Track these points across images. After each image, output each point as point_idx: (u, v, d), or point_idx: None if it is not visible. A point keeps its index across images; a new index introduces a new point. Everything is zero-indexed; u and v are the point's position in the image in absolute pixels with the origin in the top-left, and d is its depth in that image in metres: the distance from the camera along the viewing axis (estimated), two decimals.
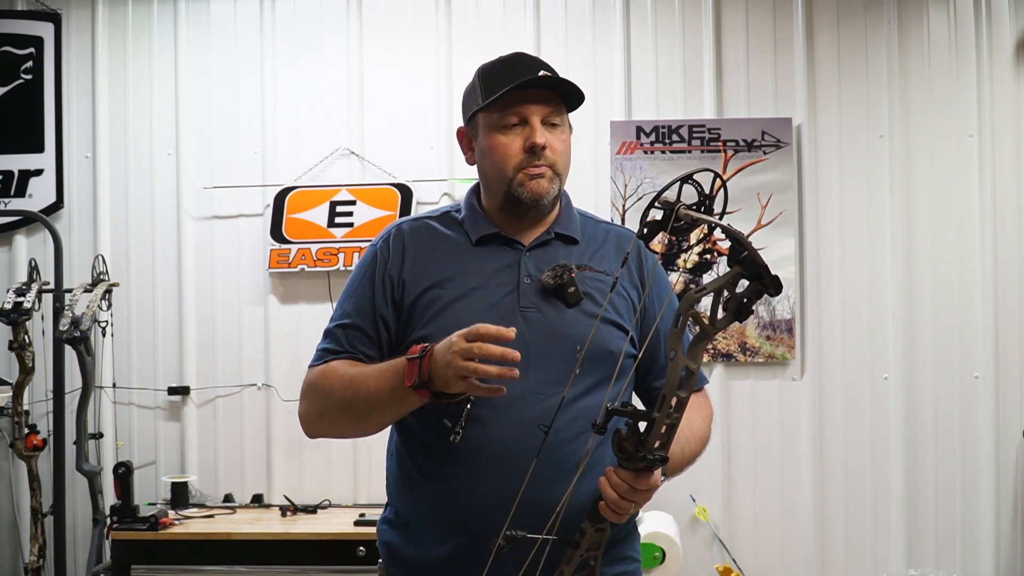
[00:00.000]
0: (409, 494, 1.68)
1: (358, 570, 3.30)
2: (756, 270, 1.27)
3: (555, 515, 1.40)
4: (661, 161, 3.77)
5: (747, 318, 1.30)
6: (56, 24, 4.01)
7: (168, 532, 3.39)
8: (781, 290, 1.27)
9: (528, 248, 1.71)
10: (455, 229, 1.75)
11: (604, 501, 1.43)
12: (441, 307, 1.66)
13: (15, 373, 3.63)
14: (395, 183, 3.86)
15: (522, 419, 1.57)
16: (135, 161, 4.00)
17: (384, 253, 1.73)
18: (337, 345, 1.71)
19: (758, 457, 3.76)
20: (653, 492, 1.44)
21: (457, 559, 1.60)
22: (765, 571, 3.75)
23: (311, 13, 3.96)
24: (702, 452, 1.72)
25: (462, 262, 1.70)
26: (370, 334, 1.69)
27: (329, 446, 3.86)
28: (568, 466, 1.55)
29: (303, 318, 3.91)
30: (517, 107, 1.67)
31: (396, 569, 1.70)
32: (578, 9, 3.88)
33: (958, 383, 3.71)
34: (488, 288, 1.67)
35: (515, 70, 1.69)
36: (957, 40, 3.77)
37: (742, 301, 1.28)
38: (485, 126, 1.72)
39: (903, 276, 3.74)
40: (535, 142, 1.65)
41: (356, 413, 1.63)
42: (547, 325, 1.64)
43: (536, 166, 1.67)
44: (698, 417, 1.72)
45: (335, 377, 1.65)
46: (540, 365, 1.61)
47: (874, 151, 3.77)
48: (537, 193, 1.67)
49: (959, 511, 3.70)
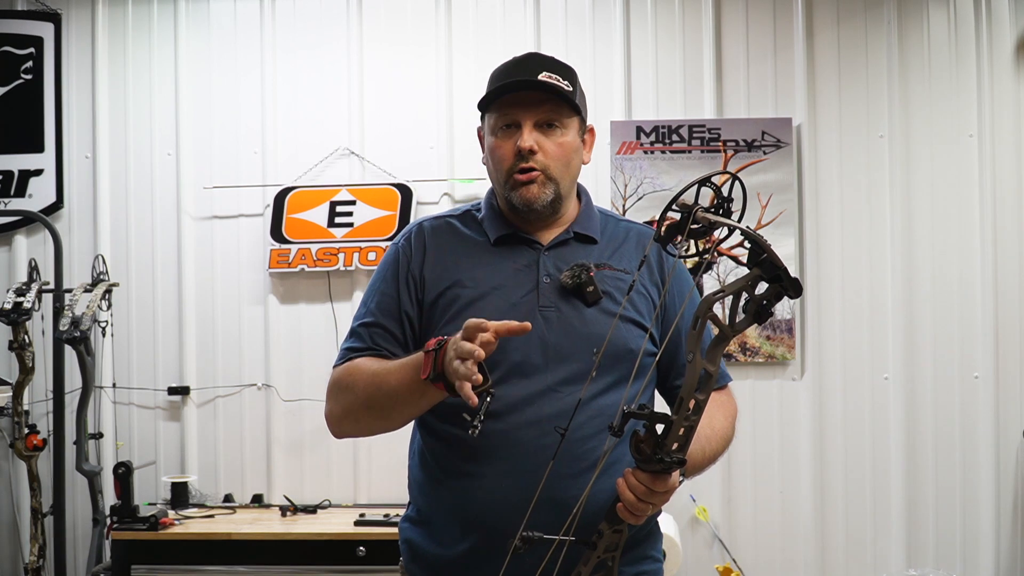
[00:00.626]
0: (430, 492, 1.70)
1: (358, 570, 3.31)
2: (775, 272, 1.27)
3: (573, 515, 1.40)
4: (661, 161, 3.77)
5: (766, 320, 1.29)
6: (56, 24, 4.01)
7: (168, 532, 3.39)
8: (801, 292, 1.26)
9: (547, 248, 1.72)
10: (475, 228, 1.76)
11: (621, 503, 1.43)
12: (461, 306, 1.67)
13: (15, 373, 3.63)
14: (395, 183, 3.86)
15: (541, 417, 1.59)
16: (135, 161, 4.00)
17: (407, 251, 1.75)
18: (361, 343, 1.71)
19: (758, 457, 3.76)
20: (671, 494, 1.45)
21: (476, 556, 1.62)
22: (765, 571, 3.75)
23: (311, 13, 3.96)
24: (724, 451, 1.70)
25: (482, 261, 1.71)
26: (395, 332, 1.70)
27: (329, 446, 3.86)
28: (585, 464, 1.57)
29: (303, 318, 3.91)
30: (509, 110, 1.68)
31: (416, 566, 1.72)
32: (578, 9, 3.88)
33: (958, 383, 3.71)
34: (508, 288, 1.68)
35: (515, 72, 1.69)
36: (957, 40, 3.77)
37: (761, 303, 1.28)
38: (487, 128, 1.73)
39: (903, 276, 3.74)
40: (520, 146, 1.65)
41: (379, 408, 1.63)
42: (566, 324, 1.65)
43: (524, 171, 1.67)
44: (720, 416, 1.71)
45: (358, 374, 1.66)
46: (559, 364, 1.62)
47: (874, 151, 3.77)
48: (526, 200, 1.68)
49: (959, 511, 3.70)
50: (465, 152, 3.86)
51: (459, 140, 3.88)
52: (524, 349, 1.62)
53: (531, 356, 1.62)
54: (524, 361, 1.62)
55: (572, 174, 1.73)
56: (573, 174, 1.74)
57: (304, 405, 3.87)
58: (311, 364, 3.88)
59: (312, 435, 3.89)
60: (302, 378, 3.89)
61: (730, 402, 1.78)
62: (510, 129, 1.68)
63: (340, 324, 3.85)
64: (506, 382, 1.61)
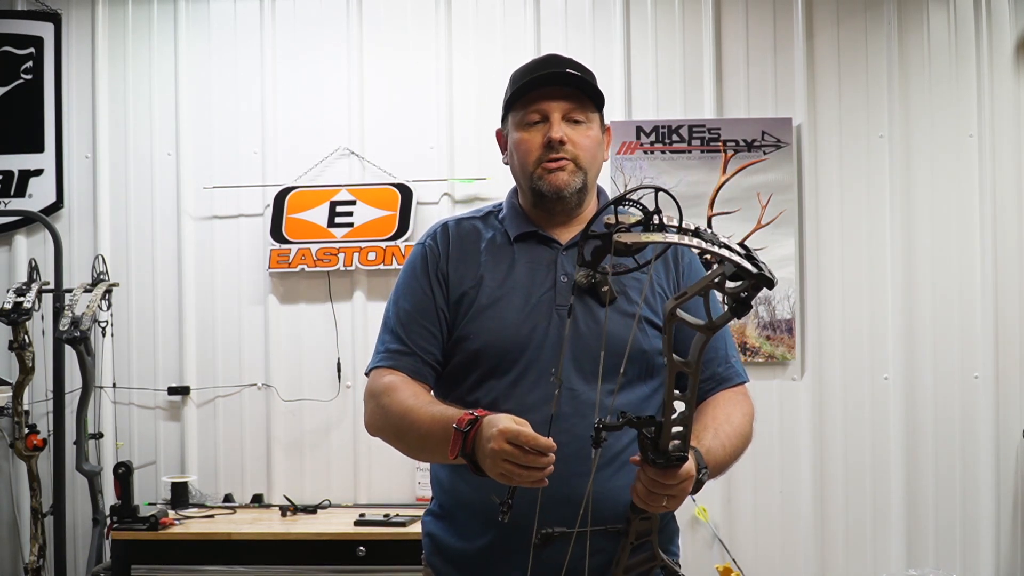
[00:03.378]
0: (452, 487, 1.73)
1: (358, 570, 3.31)
2: (736, 270, 1.25)
3: (583, 507, 1.43)
4: (661, 161, 3.78)
5: (746, 313, 1.28)
6: (56, 24, 4.01)
7: (168, 532, 3.39)
8: (772, 284, 1.24)
9: (565, 247, 1.74)
10: (495, 228, 1.79)
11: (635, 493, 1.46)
12: (482, 306, 1.70)
13: (15, 373, 3.63)
14: (395, 183, 3.86)
15: (556, 416, 1.59)
16: (135, 161, 4.00)
17: (434, 249, 1.78)
18: (401, 345, 1.73)
19: (758, 457, 3.75)
20: (687, 486, 1.45)
21: (497, 550, 1.65)
22: (765, 571, 3.75)
23: (311, 13, 3.96)
24: (745, 448, 1.71)
25: (501, 261, 1.74)
26: (432, 331, 1.73)
27: (329, 446, 3.87)
28: (600, 461, 1.58)
29: (303, 318, 3.91)
30: (538, 104, 1.72)
31: (439, 560, 1.75)
32: (578, 9, 3.88)
33: (958, 383, 3.71)
34: (526, 287, 1.71)
35: (541, 69, 1.74)
36: (957, 40, 3.77)
37: (739, 296, 1.27)
38: (512, 124, 1.77)
39: (903, 276, 3.74)
40: (551, 136, 1.70)
41: (408, 446, 1.69)
42: (582, 324, 1.66)
43: (554, 160, 1.70)
44: (738, 413, 1.72)
45: (395, 402, 1.67)
46: (575, 364, 1.64)
47: (874, 151, 3.77)
48: (556, 185, 1.71)
49: (959, 511, 3.70)
50: (465, 152, 3.86)
51: (459, 140, 3.88)
52: (541, 348, 1.66)
53: (547, 355, 1.65)
54: (541, 360, 1.65)
55: (597, 168, 1.78)
56: (598, 168, 1.79)
57: (304, 405, 3.87)
58: (311, 364, 3.88)
59: (312, 435, 3.89)
60: (302, 378, 3.89)
61: (746, 401, 1.79)
62: (537, 124, 1.72)
63: (340, 324, 3.85)
64: (523, 381, 1.65)
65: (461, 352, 1.71)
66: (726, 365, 1.77)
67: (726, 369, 1.77)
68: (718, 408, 1.71)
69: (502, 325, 1.67)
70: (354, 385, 3.83)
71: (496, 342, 1.67)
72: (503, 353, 1.67)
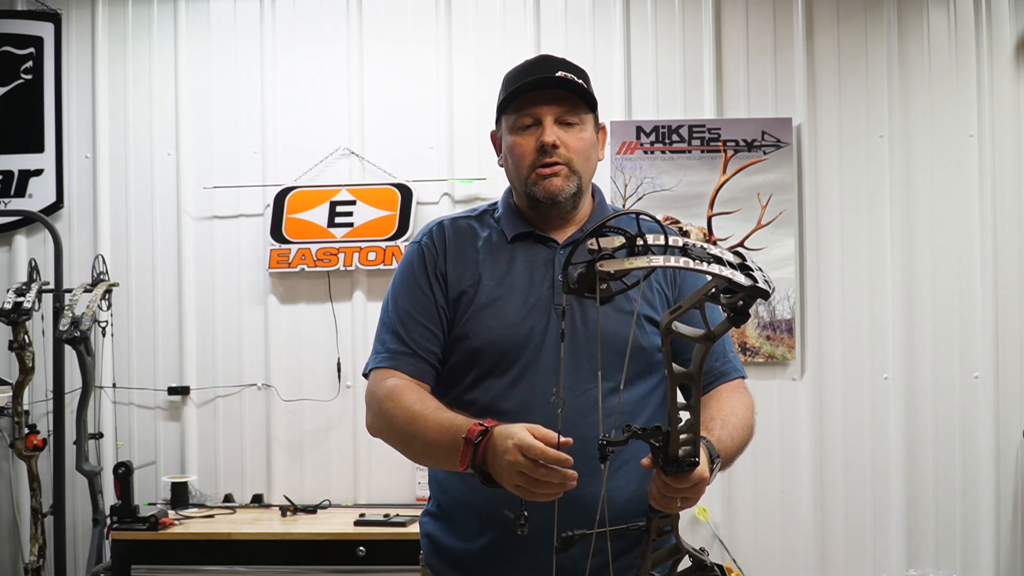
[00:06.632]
0: (450, 487, 1.72)
1: (358, 570, 3.31)
2: (728, 284, 1.24)
3: (599, 510, 1.43)
4: (661, 161, 3.77)
5: (744, 322, 1.27)
6: (56, 24, 4.01)
7: (168, 532, 3.39)
8: (767, 295, 1.23)
9: (562, 246, 1.74)
10: (491, 227, 1.79)
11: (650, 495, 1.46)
12: (481, 305, 1.70)
13: (15, 373, 3.63)
14: (395, 183, 3.86)
15: (554, 415, 1.59)
16: (135, 161, 4.00)
17: (431, 248, 1.77)
18: (403, 345, 1.72)
19: (758, 457, 3.75)
20: (701, 487, 1.45)
21: (495, 551, 1.65)
22: (765, 571, 3.75)
23: (311, 13, 3.96)
24: (750, 440, 1.71)
25: (499, 260, 1.74)
26: (433, 330, 1.72)
27: (329, 446, 3.87)
28: (596, 462, 1.57)
29: (303, 318, 3.91)
30: (530, 108, 1.71)
31: (437, 560, 1.75)
32: (578, 9, 3.88)
33: (958, 383, 3.71)
34: (524, 286, 1.71)
35: (533, 72, 1.72)
36: (957, 40, 3.77)
37: (736, 305, 1.26)
38: (506, 128, 1.76)
39: (903, 276, 3.74)
40: (544, 141, 1.69)
41: (413, 453, 1.68)
42: (579, 322, 1.66)
43: (548, 164, 1.70)
44: (741, 405, 1.72)
45: (399, 407, 1.65)
46: (574, 362, 1.64)
47: (874, 151, 3.77)
48: (550, 191, 1.71)
49: (959, 511, 3.70)
50: (465, 152, 3.86)
51: (459, 140, 3.88)
52: (540, 347, 1.65)
53: (546, 354, 1.65)
54: (540, 359, 1.65)
55: (591, 169, 1.77)
56: (592, 169, 1.77)
57: (304, 405, 3.87)
58: (311, 364, 3.88)
59: (312, 435, 3.89)
60: (302, 378, 3.89)
61: (747, 394, 1.79)
62: (530, 128, 1.71)
63: (340, 324, 3.85)
64: (522, 380, 1.65)
65: (459, 351, 1.71)
66: (724, 360, 1.77)
67: (724, 364, 1.77)
68: (722, 400, 1.70)
69: (502, 324, 1.67)
70: (354, 385, 3.83)
71: (496, 341, 1.67)
72: (503, 352, 1.67)
